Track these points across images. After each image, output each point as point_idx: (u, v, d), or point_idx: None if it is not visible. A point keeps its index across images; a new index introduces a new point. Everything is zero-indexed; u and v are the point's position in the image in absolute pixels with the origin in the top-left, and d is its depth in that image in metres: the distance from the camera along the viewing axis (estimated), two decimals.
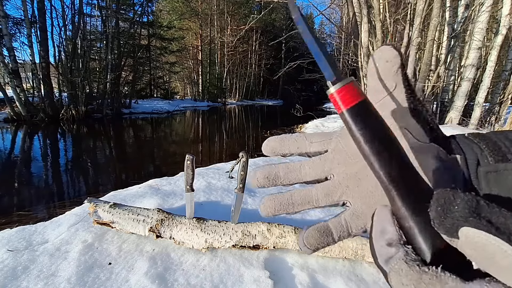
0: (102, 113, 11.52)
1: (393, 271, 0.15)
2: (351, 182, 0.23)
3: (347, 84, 0.16)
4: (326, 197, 0.24)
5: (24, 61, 11.48)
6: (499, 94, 5.94)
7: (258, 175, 0.25)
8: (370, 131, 0.16)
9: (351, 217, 0.23)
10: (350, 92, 0.16)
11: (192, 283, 1.10)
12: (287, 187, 0.26)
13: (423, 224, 0.15)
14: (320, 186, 0.24)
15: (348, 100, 0.16)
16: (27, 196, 3.20)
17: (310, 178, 0.25)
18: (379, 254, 0.17)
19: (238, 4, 25.64)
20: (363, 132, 0.16)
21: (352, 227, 0.22)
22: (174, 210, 1.60)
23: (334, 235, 0.22)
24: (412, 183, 0.16)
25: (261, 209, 0.25)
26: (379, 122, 0.17)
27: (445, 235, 0.14)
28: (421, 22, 4.77)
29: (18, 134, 7.30)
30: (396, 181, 0.16)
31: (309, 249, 0.22)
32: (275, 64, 28.44)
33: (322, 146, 0.26)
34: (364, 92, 0.17)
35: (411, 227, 0.16)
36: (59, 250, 1.26)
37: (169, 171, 2.94)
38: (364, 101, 0.17)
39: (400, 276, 0.15)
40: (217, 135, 8.59)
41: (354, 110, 0.16)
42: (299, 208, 0.24)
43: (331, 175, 0.25)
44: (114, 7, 12.62)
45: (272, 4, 10.25)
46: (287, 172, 0.25)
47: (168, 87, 21.29)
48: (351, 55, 7.68)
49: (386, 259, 0.16)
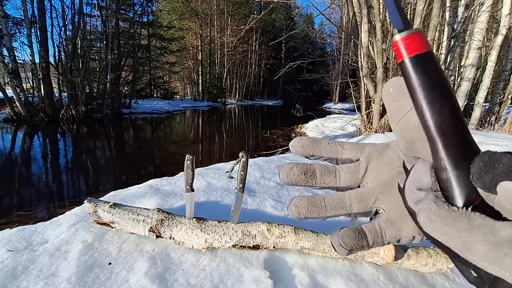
0: (102, 113, 11.52)
1: (422, 210, 0.15)
2: (384, 189, 0.23)
3: (415, 33, 0.16)
4: (359, 203, 0.23)
5: (24, 61, 11.48)
6: (499, 94, 5.95)
7: (294, 170, 0.25)
8: (428, 81, 0.16)
9: (385, 223, 0.22)
10: (416, 42, 0.16)
11: (192, 283, 1.10)
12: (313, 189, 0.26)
13: (461, 177, 0.15)
14: (353, 192, 0.24)
15: (412, 49, 0.16)
16: (27, 196, 3.20)
17: (344, 183, 0.25)
18: (408, 198, 0.17)
19: (238, 4, 25.63)
20: (422, 81, 0.16)
21: (387, 234, 0.22)
22: (174, 210, 1.61)
23: (368, 239, 0.22)
24: (460, 137, 0.16)
25: (292, 209, 0.24)
26: (439, 74, 0.16)
27: (482, 189, 0.14)
28: (421, 22, 4.76)
29: (18, 134, 7.29)
30: (444, 132, 0.16)
31: (345, 249, 0.22)
32: (275, 64, 28.44)
33: (354, 154, 0.26)
34: (429, 45, 0.17)
35: (449, 179, 0.16)
36: (59, 250, 1.26)
37: (169, 171, 2.95)
38: (429, 52, 0.16)
39: (429, 214, 0.15)
40: (217, 135, 8.59)
41: (416, 59, 0.16)
42: (331, 213, 0.24)
43: (365, 182, 0.24)
44: (114, 7, 12.62)
45: (272, 4, 10.25)
46: (324, 174, 0.25)
47: (168, 87, 21.29)
48: (351, 55, 7.68)
49: (415, 202, 0.16)
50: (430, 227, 0.15)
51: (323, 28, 33.32)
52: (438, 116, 0.16)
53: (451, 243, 0.14)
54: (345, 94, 26.24)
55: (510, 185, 0.12)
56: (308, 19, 28.46)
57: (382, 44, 5.01)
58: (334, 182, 0.25)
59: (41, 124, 8.63)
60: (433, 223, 0.15)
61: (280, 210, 1.78)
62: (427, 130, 0.17)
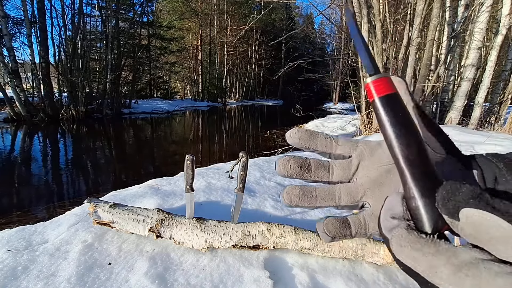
0: (102, 113, 11.52)
1: (394, 237, 0.17)
2: (372, 186, 0.25)
3: (383, 77, 0.19)
4: (348, 196, 0.25)
5: (24, 61, 11.48)
6: (499, 94, 5.94)
7: (291, 162, 0.25)
8: (395, 117, 0.18)
9: (369, 217, 0.24)
10: (384, 85, 0.18)
11: (192, 283, 1.10)
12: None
13: (428, 205, 0.17)
14: (343, 186, 0.26)
15: (381, 90, 0.18)
16: (27, 196, 3.20)
17: (336, 179, 0.26)
18: (383, 226, 0.18)
19: (238, 4, 25.64)
20: (389, 118, 0.18)
21: (370, 227, 0.23)
22: (174, 210, 1.60)
23: (352, 230, 0.23)
24: (425, 168, 0.18)
25: (284, 196, 0.25)
26: (404, 112, 0.18)
27: (446, 215, 0.15)
28: (421, 22, 4.77)
29: (18, 134, 7.29)
30: (411, 163, 0.18)
31: (328, 236, 0.23)
32: (275, 64, 28.45)
33: (347, 150, 0.27)
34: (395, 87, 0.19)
35: (417, 207, 0.17)
36: (59, 250, 1.26)
37: (169, 171, 2.94)
38: (395, 93, 0.18)
39: (400, 240, 0.16)
40: (217, 135, 8.59)
41: (384, 99, 0.18)
42: (321, 203, 0.25)
43: (355, 178, 0.26)
44: (114, 7, 12.62)
45: (272, 4, 10.26)
46: (318, 167, 0.26)
47: (168, 87, 21.29)
48: (351, 55, 7.68)
49: (389, 229, 0.18)
50: (401, 253, 0.16)
51: (323, 28, 33.35)
52: (405, 149, 0.18)
53: (419, 268, 0.15)
54: (345, 94, 26.26)
55: (470, 212, 0.14)
56: (308, 19, 28.45)
57: (382, 44, 5.01)
58: (327, 177, 0.26)
59: (41, 124, 8.63)
60: (403, 248, 0.16)
61: (280, 210, 1.78)
62: (396, 162, 0.18)
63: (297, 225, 1.32)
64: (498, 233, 0.13)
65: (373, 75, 0.19)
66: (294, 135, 0.27)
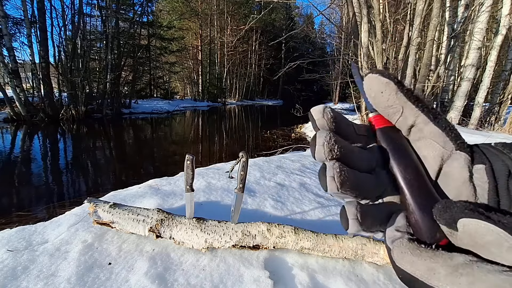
0: (102, 113, 11.51)
1: (395, 247, 0.18)
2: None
3: (380, 114, 0.23)
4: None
5: (24, 61, 11.46)
6: (499, 94, 5.95)
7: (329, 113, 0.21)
8: (392, 144, 0.21)
9: None
10: (382, 119, 0.23)
11: (192, 283, 1.10)
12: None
13: (426, 218, 0.18)
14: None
15: (380, 123, 0.22)
16: (27, 196, 3.19)
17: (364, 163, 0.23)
18: (388, 236, 0.20)
19: (238, 4, 25.63)
20: (387, 144, 0.22)
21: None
22: (174, 210, 1.61)
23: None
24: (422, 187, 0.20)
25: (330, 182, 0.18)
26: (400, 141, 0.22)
27: (445, 225, 0.17)
28: (421, 22, 4.77)
29: (18, 134, 7.29)
30: (408, 182, 0.20)
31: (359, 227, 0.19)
32: (275, 64, 28.45)
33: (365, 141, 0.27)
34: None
35: (417, 221, 0.19)
36: (59, 250, 1.26)
37: (169, 171, 2.94)
38: (392, 126, 0.22)
39: (400, 248, 0.18)
40: (217, 135, 8.59)
41: (384, 130, 0.22)
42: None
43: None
44: (114, 7, 12.62)
45: (272, 4, 10.26)
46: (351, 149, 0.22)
47: (168, 87, 21.28)
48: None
49: (392, 240, 0.19)
50: (401, 259, 0.18)
51: (323, 28, 33.34)
52: (403, 170, 0.20)
53: (418, 272, 0.17)
54: (345, 94, 26.23)
55: (467, 221, 0.15)
56: (308, 19, 28.44)
57: (382, 44, 5.01)
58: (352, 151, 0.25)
59: (41, 124, 8.62)
60: (404, 254, 0.18)
61: (280, 210, 1.78)
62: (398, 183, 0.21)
63: (297, 225, 1.32)
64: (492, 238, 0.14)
65: (373, 111, 0.23)
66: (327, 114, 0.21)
